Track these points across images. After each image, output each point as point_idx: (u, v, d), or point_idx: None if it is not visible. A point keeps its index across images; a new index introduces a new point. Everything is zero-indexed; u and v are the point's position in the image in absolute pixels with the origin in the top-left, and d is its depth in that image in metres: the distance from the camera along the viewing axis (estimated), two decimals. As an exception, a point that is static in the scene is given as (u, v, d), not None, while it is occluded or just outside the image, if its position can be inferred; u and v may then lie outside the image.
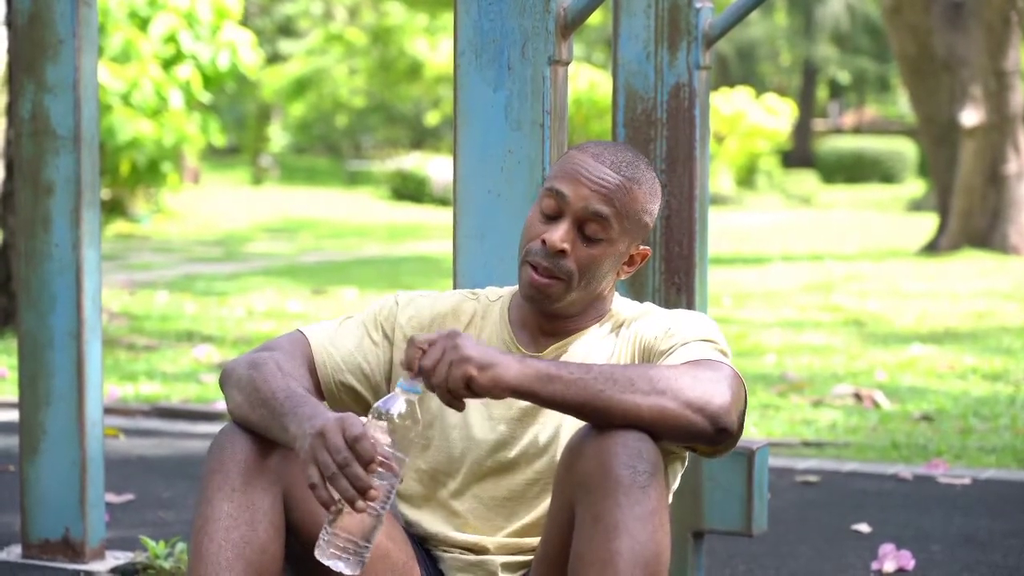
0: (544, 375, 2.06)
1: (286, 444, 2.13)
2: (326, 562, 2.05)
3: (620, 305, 2.39)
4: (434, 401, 2.33)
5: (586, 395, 2.06)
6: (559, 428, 2.29)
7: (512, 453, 2.29)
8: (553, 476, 2.28)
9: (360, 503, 2.00)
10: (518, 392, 2.05)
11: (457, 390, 2.04)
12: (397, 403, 2.08)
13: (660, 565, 2.05)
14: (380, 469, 2.03)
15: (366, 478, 2.00)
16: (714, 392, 2.09)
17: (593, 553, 2.04)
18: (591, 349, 2.33)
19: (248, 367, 2.24)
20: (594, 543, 2.05)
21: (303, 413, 2.11)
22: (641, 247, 2.35)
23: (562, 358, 2.31)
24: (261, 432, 2.18)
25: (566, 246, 2.25)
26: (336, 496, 2.02)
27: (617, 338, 2.33)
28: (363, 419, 2.07)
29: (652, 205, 2.33)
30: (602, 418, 2.07)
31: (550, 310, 2.31)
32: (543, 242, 2.26)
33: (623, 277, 2.36)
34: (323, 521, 2.14)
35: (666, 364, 2.13)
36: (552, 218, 2.28)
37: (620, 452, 2.06)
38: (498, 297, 2.42)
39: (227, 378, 2.27)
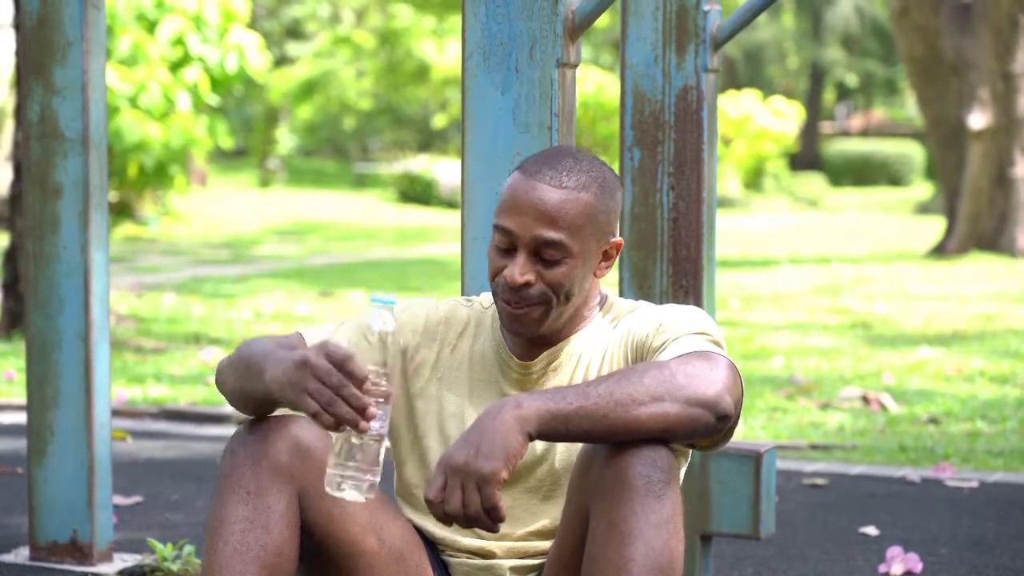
0: (546, 418, 2.04)
1: (268, 396, 2.11)
2: (338, 495, 2.02)
3: (609, 302, 2.37)
4: (432, 411, 2.34)
5: (589, 424, 2.05)
6: None
7: None
8: (554, 483, 2.29)
9: (363, 423, 1.99)
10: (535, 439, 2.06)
11: (496, 509, 2.01)
12: (375, 318, 2.06)
13: (674, 572, 2.05)
14: (372, 387, 2.01)
15: (363, 397, 1.99)
16: (709, 381, 2.10)
17: (607, 558, 2.05)
18: (583, 351, 2.32)
19: (237, 350, 2.25)
20: (608, 548, 2.05)
21: (280, 356, 2.09)
22: (612, 239, 2.30)
23: (554, 363, 2.31)
24: (250, 402, 2.17)
25: (529, 278, 2.22)
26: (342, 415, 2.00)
27: (608, 336, 2.32)
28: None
29: (607, 202, 2.26)
30: (609, 440, 2.08)
31: (539, 333, 2.28)
32: (506, 279, 2.23)
33: (603, 275, 2.32)
34: (339, 523, 2.16)
35: (659, 361, 2.12)
36: (508, 251, 2.24)
37: (635, 461, 2.06)
38: (491, 304, 2.40)
39: (219, 369, 2.28)
